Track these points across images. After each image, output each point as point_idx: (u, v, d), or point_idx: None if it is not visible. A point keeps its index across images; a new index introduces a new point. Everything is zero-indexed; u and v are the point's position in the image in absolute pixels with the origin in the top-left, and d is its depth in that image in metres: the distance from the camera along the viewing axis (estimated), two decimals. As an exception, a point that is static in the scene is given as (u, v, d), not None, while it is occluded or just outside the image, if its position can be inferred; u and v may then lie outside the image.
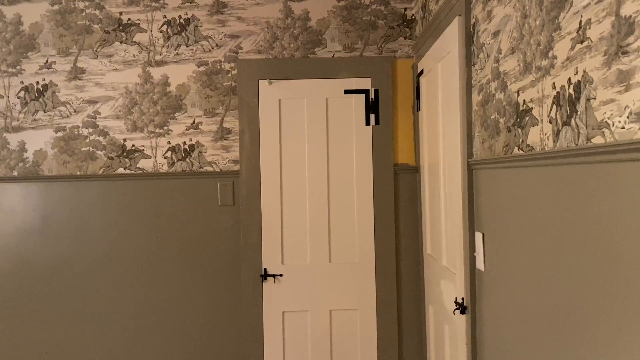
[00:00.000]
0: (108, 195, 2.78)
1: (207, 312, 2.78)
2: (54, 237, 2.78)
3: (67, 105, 2.78)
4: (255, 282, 2.77)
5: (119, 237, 2.79)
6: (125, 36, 2.77)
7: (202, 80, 2.78)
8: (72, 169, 2.78)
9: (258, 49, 2.78)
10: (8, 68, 2.77)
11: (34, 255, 2.77)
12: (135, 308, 2.78)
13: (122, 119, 2.78)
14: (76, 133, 2.78)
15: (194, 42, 2.78)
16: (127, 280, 2.78)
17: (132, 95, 2.78)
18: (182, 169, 2.79)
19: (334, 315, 2.80)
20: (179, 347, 2.78)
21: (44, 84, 2.77)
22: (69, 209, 2.78)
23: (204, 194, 2.79)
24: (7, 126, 2.78)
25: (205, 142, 2.80)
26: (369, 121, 2.77)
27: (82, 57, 2.77)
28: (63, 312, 2.78)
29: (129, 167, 2.79)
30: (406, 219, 2.77)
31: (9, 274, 2.77)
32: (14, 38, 2.76)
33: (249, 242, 2.77)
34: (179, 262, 2.79)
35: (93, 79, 2.78)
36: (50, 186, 2.78)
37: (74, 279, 2.78)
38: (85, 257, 2.78)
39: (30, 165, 2.78)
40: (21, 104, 2.78)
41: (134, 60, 2.77)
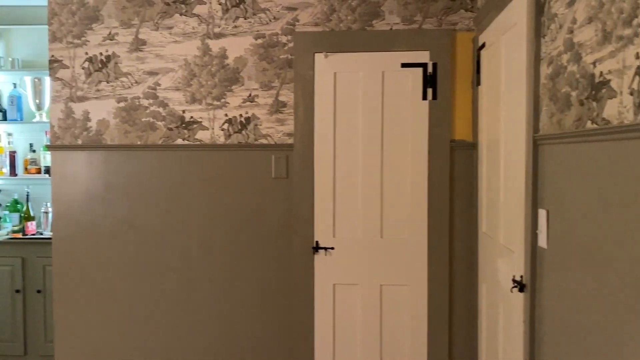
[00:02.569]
0: (166, 165, 2.86)
1: (258, 282, 2.84)
2: (114, 204, 2.88)
3: (129, 76, 2.85)
4: (307, 254, 2.81)
5: (175, 206, 2.87)
6: (185, 8, 2.81)
7: (259, 53, 2.80)
8: (132, 138, 2.87)
9: (315, 21, 2.76)
10: (73, 39, 2.86)
11: (96, 220, 2.89)
12: (187, 275, 2.87)
13: (181, 91, 2.84)
14: (137, 104, 2.86)
15: (252, 14, 2.78)
16: (180, 247, 2.87)
17: (191, 67, 2.82)
18: (238, 141, 2.83)
19: (384, 289, 2.81)
20: (230, 316, 2.86)
21: (107, 55, 2.85)
22: (129, 177, 2.87)
23: (258, 166, 2.83)
24: (72, 96, 2.88)
25: (261, 115, 2.82)
26: (425, 95, 2.72)
27: (144, 29, 2.83)
28: (121, 274, 2.89)
29: (187, 138, 2.85)
30: (461, 195, 2.73)
31: (74, 236, 2.90)
32: (79, 10, 2.84)
33: (301, 215, 2.80)
34: (231, 232, 2.85)
35: (154, 50, 2.83)
36: (112, 155, 2.88)
37: (132, 244, 2.89)
38: (143, 224, 2.88)
39: (93, 134, 2.88)
40: (85, 74, 2.87)
41: (193, 33, 2.81)
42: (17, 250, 3.84)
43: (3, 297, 3.85)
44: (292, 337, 2.83)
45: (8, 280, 3.85)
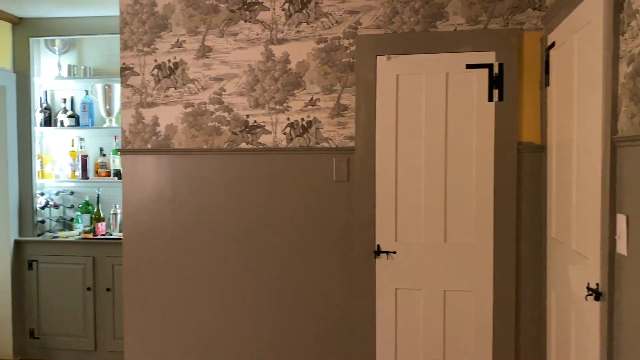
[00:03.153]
0: (231, 168, 2.93)
1: (319, 285, 2.86)
2: (180, 205, 2.97)
3: (196, 82, 2.94)
4: (368, 258, 2.80)
5: (238, 209, 2.92)
6: (250, 15, 2.87)
7: (321, 57, 2.82)
8: (199, 142, 2.95)
9: (377, 24, 2.76)
10: (143, 47, 2.97)
11: (163, 221, 2.99)
12: (248, 276, 2.92)
13: (245, 96, 2.90)
14: (203, 109, 2.94)
15: (314, 19, 2.81)
16: (242, 249, 2.92)
17: (254, 72, 2.88)
18: (299, 145, 2.87)
19: (448, 295, 2.76)
20: (289, 318, 2.88)
21: (175, 62, 2.95)
22: (195, 180, 2.96)
23: (319, 169, 2.85)
24: (142, 102, 3.00)
25: (322, 118, 2.84)
26: (491, 97, 2.66)
27: (210, 36, 2.91)
28: (186, 273, 2.98)
29: (251, 142, 2.91)
30: (528, 199, 2.65)
31: (143, 237, 3.01)
32: (148, 19, 2.95)
33: (362, 218, 2.79)
34: (292, 234, 2.88)
35: (219, 57, 2.91)
36: (179, 158, 2.97)
37: (197, 245, 2.97)
38: (208, 225, 2.96)
39: (162, 138, 2.99)
40: (154, 81, 2.98)
41: (257, 39, 2.87)
42: (88, 249, 4.03)
43: (75, 295, 4.05)
44: (353, 341, 2.82)
45: (80, 278, 4.04)
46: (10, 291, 4.09)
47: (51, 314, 4.09)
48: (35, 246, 4.11)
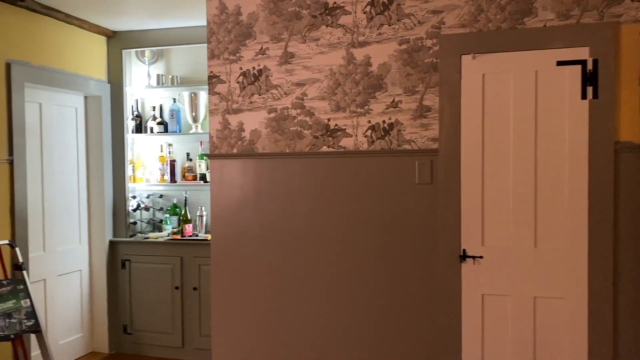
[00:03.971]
0: (312, 171, 2.96)
1: (401, 289, 2.83)
2: (264, 208, 3.05)
3: (279, 88, 3.01)
4: (453, 262, 2.74)
5: (320, 211, 2.95)
6: (331, 20, 2.90)
7: (403, 58, 2.80)
8: (282, 147, 3.01)
9: (462, 22, 2.70)
10: (230, 56, 3.08)
11: (248, 223, 3.08)
12: (330, 278, 2.94)
13: (326, 100, 2.93)
14: (286, 114, 3.00)
15: (396, 20, 2.79)
16: (324, 252, 2.95)
17: (336, 76, 2.90)
18: (381, 147, 2.85)
19: (538, 302, 2.64)
20: (371, 323, 2.87)
21: (259, 69, 3.03)
22: (278, 183, 3.02)
23: (401, 172, 2.82)
24: (229, 108, 3.10)
25: (404, 120, 2.82)
26: (585, 95, 2.53)
27: (292, 42, 2.97)
28: (271, 275, 3.04)
29: (331, 146, 2.93)
30: (627, 201, 2.49)
31: (229, 238, 3.11)
32: (234, 28, 3.06)
33: (447, 222, 2.74)
34: (374, 238, 2.87)
35: (301, 62, 2.96)
36: (263, 162, 3.05)
37: (281, 247, 3.03)
38: (291, 228, 3.01)
39: (247, 143, 3.08)
40: (240, 88, 3.08)
41: (338, 43, 2.89)
42: (176, 250, 4.22)
43: (164, 293, 4.25)
44: (438, 347, 2.77)
45: (169, 277, 4.24)
46: (106, 288, 4.36)
47: (142, 311, 4.32)
48: (128, 246, 4.36)
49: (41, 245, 3.89)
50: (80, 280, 4.27)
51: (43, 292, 3.88)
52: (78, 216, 4.26)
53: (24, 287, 3.35)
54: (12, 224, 3.52)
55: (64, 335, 4.10)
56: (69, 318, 4.15)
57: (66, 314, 4.12)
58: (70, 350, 4.16)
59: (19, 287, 3.32)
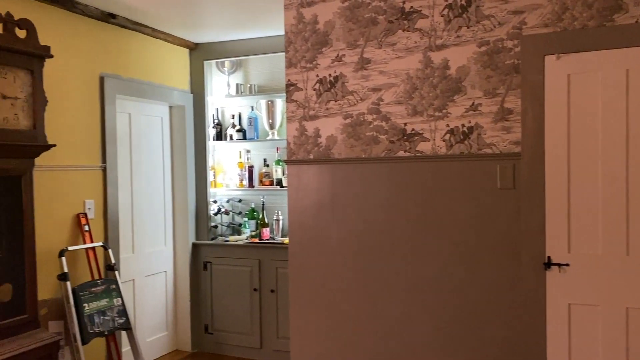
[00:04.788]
0: (388, 176, 2.96)
1: (481, 297, 2.76)
2: (340, 213, 3.07)
3: (354, 94, 3.03)
4: (537, 270, 2.64)
5: (397, 216, 2.94)
6: (408, 24, 2.89)
7: (483, 60, 2.74)
8: (357, 152, 3.04)
9: (544, 22, 2.61)
10: (306, 64, 3.14)
11: (325, 227, 3.12)
12: (406, 284, 2.91)
13: (403, 104, 2.92)
14: (362, 119, 3.02)
15: (475, 22, 2.74)
16: (401, 257, 2.93)
17: (412, 80, 2.89)
18: (460, 152, 2.81)
19: (632, 313, 2.49)
20: (449, 331, 2.82)
21: (335, 75, 3.07)
22: (354, 188, 3.04)
23: (482, 176, 2.76)
24: (305, 115, 3.16)
25: (485, 123, 2.75)
26: (684, 93, 2.37)
27: (368, 48, 2.98)
28: (347, 279, 3.06)
29: (408, 150, 2.92)
30: None
31: (306, 242, 3.17)
32: (311, 37, 3.12)
33: (530, 228, 2.65)
34: (452, 244, 2.82)
35: (377, 67, 2.97)
36: (339, 167, 3.08)
37: (356, 252, 3.04)
38: (366, 233, 3.01)
39: (323, 149, 3.12)
40: (316, 95, 3.13)
41: (415, 47, 2.88)
42: (255, 253, 4.35)
43: (243, 295, 4.39)
44: (520, 359, 2.67)
45: (247, 279, 4.37)
46: (189, 289, 4.56)
47: (222, 312, 4.48)
48: (209, 249, 4.53)
49: (130, 247, 4.13)
50: (165, 280, 4.49)
51: (132, 292, 4.12)
52: (163, 220, 4.49)
53: (116, 286, 3.57)
54: (105, 227, 3.77)
55: (150, 333, 4.32)
56: (155, 317, 4.38)
57: (152, 313, 4.35)
58: (156, 348, 4.38)
59: (111, 287, 3.55)
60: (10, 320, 2.83)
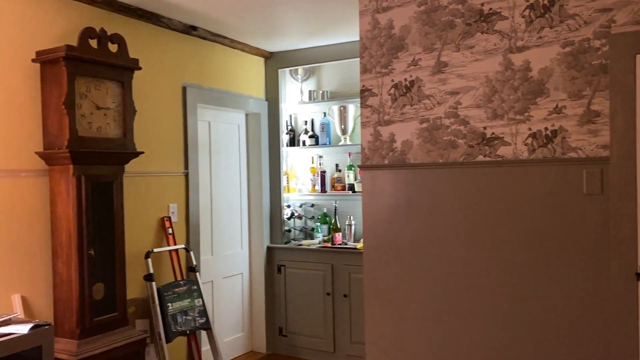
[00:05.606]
0: (466, 182, 2.90)
1: (565, 309, 2.64)
2: (416, 219, 3.04)
3: (431, 98, 3.00)
4: (629, 281, 2.49)
5: (474, 223, 2.88)
6: (487, 26, 2.83)
7: (567, 61, 2.63)
8: (434, 157, 3.00)
9: (636, 19, 2.47)
10: (381, 69, 3.15)
11: (399, 233, 3.10)
12: (484, 294, 2.83)
13: (482, 108, 2.86)
14: (439, 123, 2.98)
15: (559, 22, 2.65)
16: (478, 266, 2.86)
17: (492, 83, 2.82)
18: (543, 156, 2.71)
19: None
20: (531, 345, 2.71)
21: (411, 80, 3.06)
22: (430, 194, 3.00)
23: (566, 181, 2.65)
24: (380, 120, 3.17)
25: (569, 126, 2.64)
26: None
27: (445, 52, 2.95)
28: (423, 287, 3.02)
29: (488, 155, 2.85)
30: None
31: (381, 248, 3.16)
32: (386, 42, 3.12)
33: (620, 237, 2.51)
34: (533, 252, 2.72)
35: (455, 71, 2.93)
36: (414, 173, 3.05)
37: (432, 259, 3.00)
38: (442, 240, 2.97)
39: (398, 154, 3.11)
40: (391, 100, 3.13)
41: (494, 49, 2.81)
42: (327, 257, 4.39)
43: (316, 298, 4.44)
44: (611, 371, 2.54)
45: (320, 283, 4.42)
46: (264, 292, 4.67)
47: (296, 315, 4.55)
48: (283, 252, 4.62)
49: (210, 250, 4.29)
50: (241, 282, 4.62)
51: (211, 293, 4.27)
52: (240, 223, 4.63)
53: (197, 287, 3.72)
54: (187, 230, 3.94)
55: (227, 334, 4.46)
56: (232, 318, 4.51)
57: (229, 314, 4.48)
58: (233, 348, 4.51)
59: (193, 288, 3.70)
60: (103, 317, 3.01)
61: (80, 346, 2.84)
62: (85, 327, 2.90)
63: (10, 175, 2.87)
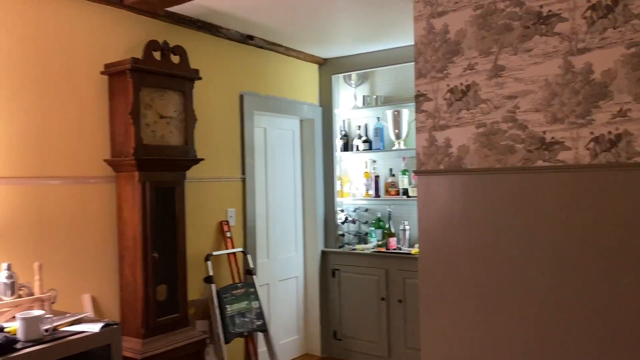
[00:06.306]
0: (525, 187, 2.84)
1: (636, 327, 2.53)
2: (473, 225, 3.00)
3: (488, 102, 2.96)
4: (702, 290, 2.37)
5: (534, 231, 2.81)
6: (546, 29, 2.77)
7: (632, 62, 2.54)
8: (491, 162, 2.96)
9: None
10: (436, 74, 3.13)
11: (456, 240, 3.06)
12: (543, 307, 2.76)
13: (541, 112, 2.80)
14: (496, 128, 2.94)
15: (623, 22, 2.55)
16: (539, 273, 2.78)
17: (552, 87, 2.76)
18: (606, 161, 2.62)
19: None
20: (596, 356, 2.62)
21: (467, 84, 3.03)
22: (487, 200, 2.96)
23: (632, 188, 2.55)
24: (435, 125, 3.15)
25: (635, 130, 2.54)
26: None
27: (502, 55, 2.90)
28: (480, 295, 2.98)
29: (548, 160, 2.78)
30: None
31: (436, 254, 3.14)
32: (441, 46, 3.10)
33: (692, 244, 2.39)
34: (598, 263, 2.62)
35: (512, 74, 2.87)
36: (471, 178, 3.02)
37: (489, 266, 2.95)
38: (500, 248, 2.91)
39: (454, 159, 3.08)
40: (447, 104, 3.10)
41: (554, 52, 2.75)
42: (381, 262, 4.39)
43: (370, 303, 4.44)
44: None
45: (374, 288, 4.42)
46: (318, 295, 4.72)
47: (350, 319, 4.57)
48: (337, 256, 4.66)
49: (266, 253, 4.38)
50: (296, 286, 4.69)
51: (267, 296, 4.35)
52: (294, 227, 4.70)
53: (254, 290, 3.81)
54: (244, 234, 4.04)
55: (282, 336, 4.53)
56: (287, 321, 4.59)
57: (284, 316, 4.56)
58: (288, 351, 4.58)
59: (250, 290, 3.79)
60: (166, 317, 3.14)
61: (145, 345, 2.97)
62: (149, 327, 3.03)
63: (80, 181, 3.04)
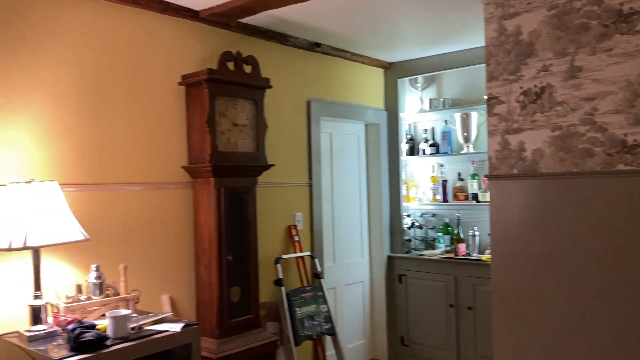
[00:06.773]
0: (605, 192, 2.72)
1: None
2: (547, 230, 2.91)
3: (564, 104, 2.87)
4: None
5: (611, 236, 2.69)
6: (627, 27, 2.65)
7: None
8: (568, 166, 2.86)
9: None
10: (509, 76, 3.07)
11: (530, 247, 2.98)
12: (623, 313, 2.63)
13: (622, 114, 2.68)
14: (573, 131, 2.84)
15: None
16: (617, 287, 2.66)
17: (633, 87, 2.64)
18: (696, 164, 2.48)
19: None
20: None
21: (541, 86, 2.94)
22: (564, 205, 2.86)
23: None
24: (508, 129, 3.08)
25: None
26: None
27: (579, 56, 2.81)
28: (554, 303, 2.88)
29: (630, 163, 2.66)
30: None
31: (509, 261, 3.06)
32: (514, 48, 3.04)
33: None
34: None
35: (590, 75, 2.77)
36: (546, 183, 2.93)
37: (565, 274, 2.85)
38: (578, 252, 2.81)
39: (528, 163, 3.00)
40: (520, 107, 3.03)
41: (636, 51, 2.62)
42: (450, 268, 4.33)
43: (439, 310, 4.39)
44: None
45: (443, 294, 4.36)
46: (385, 300, 4.71)
47: (417, 325, 4.53)
48: (404, 262, 4.63)
49: (332, 257, 4.42)
50: (362, 290, 4.70)
51: (334, 300, 4.39)
52: (360, 232, 4.72)
53: (322, 293, 3.86)
54: (312, 238, 4.10)
55: (350, 341, 4.55)
56: (354, 325, 4.61)
57: (351, 320, 4.58)
58: (355, 355, 4.60)
59: (318, 294, 3.84)
60: (239, 319, 3.23)
61: (220, 345, 3.07)
62: (224, 328, 3.13)
63: (159, 187, 3.19)
